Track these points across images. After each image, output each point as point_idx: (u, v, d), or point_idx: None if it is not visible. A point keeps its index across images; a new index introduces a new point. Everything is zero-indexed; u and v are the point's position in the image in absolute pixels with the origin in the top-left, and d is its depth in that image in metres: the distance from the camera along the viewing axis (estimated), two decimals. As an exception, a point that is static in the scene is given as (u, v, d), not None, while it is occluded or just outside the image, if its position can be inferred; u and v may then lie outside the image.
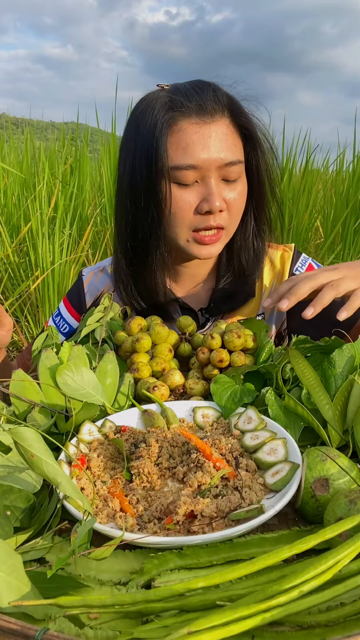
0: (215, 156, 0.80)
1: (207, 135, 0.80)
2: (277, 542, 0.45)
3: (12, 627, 0.31)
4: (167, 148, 0.80)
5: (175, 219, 0.83)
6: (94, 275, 1.04)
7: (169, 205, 0.82)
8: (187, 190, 0.82)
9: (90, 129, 3.17)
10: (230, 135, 0.82)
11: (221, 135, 0.81)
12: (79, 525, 0.41)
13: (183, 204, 0.82)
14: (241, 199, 0.86)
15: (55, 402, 0.64)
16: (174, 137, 0.80)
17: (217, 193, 0.80)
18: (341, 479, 0.48)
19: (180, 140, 0.80)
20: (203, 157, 0.79)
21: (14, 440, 0.42)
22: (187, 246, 0.86)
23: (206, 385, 0.73)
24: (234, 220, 0.86)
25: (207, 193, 0.81)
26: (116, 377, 0.70)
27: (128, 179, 0.86)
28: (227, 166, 0.81)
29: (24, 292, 2.44)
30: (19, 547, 0.44)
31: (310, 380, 0.63)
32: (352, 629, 0.34)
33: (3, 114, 7.85)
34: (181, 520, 0.46)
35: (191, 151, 0.79)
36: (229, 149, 0.81)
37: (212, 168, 0.80)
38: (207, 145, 0.79)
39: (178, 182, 0.81)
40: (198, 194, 0.82)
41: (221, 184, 0.83)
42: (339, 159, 3.27)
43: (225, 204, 0.83)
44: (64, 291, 2.40)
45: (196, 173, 0.81)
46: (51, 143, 3.40)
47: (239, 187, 0.84)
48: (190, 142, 0.79)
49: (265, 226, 0.95)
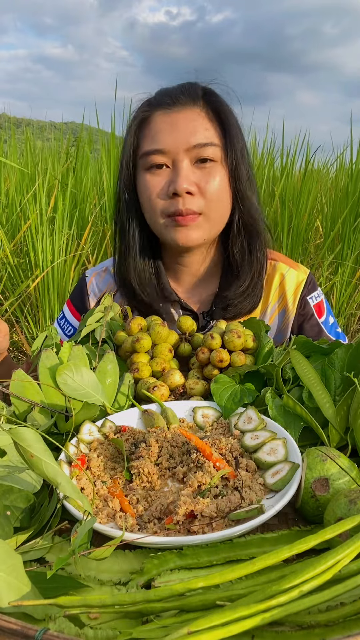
0: (183, 139, 0.81)
1: (175, 121, 0.82)
2: (277, 542, 0.45)
3: (12, 627, 0.31)
4: (138, 140, 0.86)
5: (148, 204, 0.86)
6: (97, 275, 1.04)
7: (142, 192, 0.86)
8: (158, 175, 0.84)
9: (91, 129, 3.17)
10: (201, 120, 0.83)
11: (189, 121, 0.82)
12: (79, 525, 0.41)
13: (153, 187, 0.84)
14: (219, 186, 0.84)
15: (55, 402, 0.64)
16: (146, 129, 0.85)
17: (184, 175, 0.81)
18: (341, 479, 0.48)
19: (151, 130, 0.84)
20: (169, 141, 0.82)
21: (13, 440, 0.42)
22: (166, 232, 0.86)
23: (206, 385, 0.73)
24: (213, 207, 0.85)
25: (175, 175, 0.82)
26: (116, 377, 0.70)
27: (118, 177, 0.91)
28: (196, 148, 0.82)
29: (24, 292, 2.44)
30: (19, 547, 0.44)
31: (311, 379, 0.63)
32: (352, 629, 0.34)
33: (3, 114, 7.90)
34: (181, 520, 0.46)
35: (158, 137, 0.83)
36: (198, 132, 0.82)
37: (179, 151, 0.82)
38: (174, 130, 0.82)
39: (149, 168, 0.84)
40: (168, 177, 0.84)
41: (194, 169, 0.83)
42: (339, 159, 3.27)
43: (198, 188, 0.83)
44: (64, 291, 2.40)
45: (165, 157, 0.83)
46: (51, 143, 3.40)
47: (215, 172, 0.84)
48: (158, 129, 0.83)
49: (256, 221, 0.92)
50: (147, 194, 0.85)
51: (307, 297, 0.98)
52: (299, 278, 0.98)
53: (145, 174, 0.85)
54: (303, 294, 0.98)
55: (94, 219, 2.72)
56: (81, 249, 2.53)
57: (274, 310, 0.98)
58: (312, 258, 3.02)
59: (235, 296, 0.92)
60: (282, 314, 0.98)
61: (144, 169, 0.86)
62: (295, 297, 0.97)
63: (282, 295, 0.98)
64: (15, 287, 2.50)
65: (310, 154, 3.02)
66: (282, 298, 0.98)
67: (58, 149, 3.32)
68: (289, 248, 2.79)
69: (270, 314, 0.98)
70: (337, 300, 2.65)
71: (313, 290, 0.99)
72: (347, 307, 2.68)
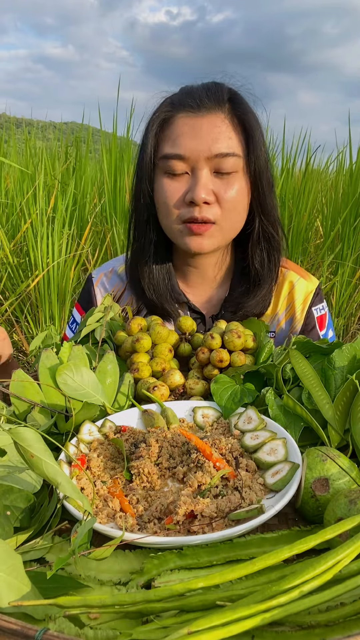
0: (205, 147, 0.79)
1: (198, 126, 0.80)
2: (277, 542, 0.45)
3: (12, 627, 0.31)
4: (159, 141, 0.84)
5: (165, 209, 0.84)
6: (104, 276, 1.03)
7: (159, 195, 0.85)
8: (176, 181, 0.83)
9: (91, 129, 3.17)
10: (225, 128, 0.81)
11: (213, 127, 0.80)
12: (79, 525, 0.41)
13: (171, 193, 0.83)
14: (237, 196, 0.83)
15: (55, 402, 0.64)
16: (167, 131, 0.83)
17: (202, 184, 0.80)
18: (341, 479, 0.48)
19: (172, 133, 0.82)
20: (191, 147, 0.80)
21: (14, 440, 0.42)
22: (180, 237, 0.86)
23: (206, 385, 0.73)
24: (228, 217, 0.84)
25: (193, 183, 0.81)
26: (116, 377, 0.70)
27: (133, 176, 0.90)
28: (217, 157, 0.80)
29: (24, 292, 2.44)
30: (19, 547, 0.44)
31: (311, 380, 0.63)
32: (352, 629, 0.34)
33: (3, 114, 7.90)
34: (181, 520, 0.46)
35: (180, 141, 0.81)
36: (220, 140, 0.80)
37: (200, 159, 0.80)
38: (196, 136, 0.80)
39: (168, 172, 0.83)
40: (186, 184, 0.82)
41: (213, 177, 0.82)
42: (339, 159, 3.27)
43: (216, 197, 0.82)
44: (64, 291, 2.40)
45: (185, 164, 0.81)
46: (51, 143, 3.40)
47: (234, 182, 0.82)
48: (180, 133, 0.81)
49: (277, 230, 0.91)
50: (163, 199, 0.84)
51: (312, 308, 0.98)
52: (308, 288, 0.98)
53: (163, 178, 0.84)
54: (310, 304, 0.98)
55: (93, 219, 2.72)
56: (81, 249, 2.53)
57: (282, 318, 0.98)
58: (312, 258, 3.02)
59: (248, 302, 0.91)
60: (289, 323, 0.98)
61: (162, 172, 0.84)
62: (303, 307, 0.97)
63: (291, 305, 0.98)
64: (15, 287, 2.50)
65: (310, 154, 3.02)
66: (290, 307, 0.98)
67: (58, 149, 3.32)
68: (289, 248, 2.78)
69: (277, 322, 0.98)
70: (337, 300, 2.65)
71: (319, 302, 0.99)
72: (347, 307, 2.68)
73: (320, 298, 1.00)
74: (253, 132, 0.84)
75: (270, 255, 0.91)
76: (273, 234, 0.90)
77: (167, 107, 0.84)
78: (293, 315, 0.98)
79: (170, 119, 0.83)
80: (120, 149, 2.76)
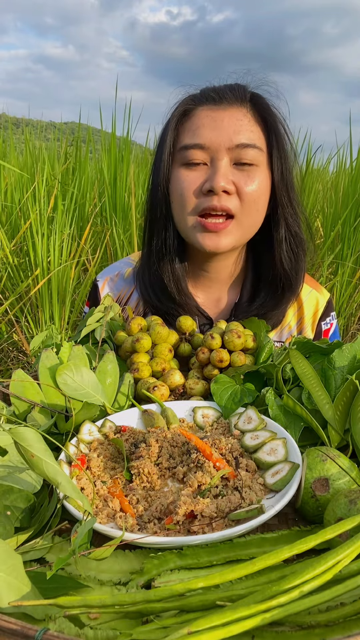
0: (225, 137, 0.78)
1: (219, 118, 0.79)
2: (277, 542, 0.45)
3: (12, 627, 0.31)
4: (178, 132, 0.82)
5: (181, 200, 0.82)
6: (110, 281, 1.01)
7: (175, 186, 0.82)
8: (195, 171, 0.81)
9: (91, 129, 3.17)
10: (247, 122, 0.80)
11: (235, 120, 0.79)
12: (79, 525, 0.41)
13: (188, 183, 0.80)
14: (258, 189, 0.80)
15: (55, 402, 0.64)
16: (187, 122, 0.82)
17: (222, 173, 0.78)
18: (341, 479, 0.48)
19: (192, 124, 0.81)
20: (211, 137, 0.78)
21: (14, 440, 0.42)
22: (193, 234, 0.83)
23: (206, 385, 0.73)
24: (247, 211, 0.81)
25: (212, 172, 0.79)
26: (116, 377, 0.70)
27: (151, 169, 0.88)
28: (238, 148, 0.78)
29: (24, 292, 2.44)
30: (19, 547, 0.44)
31: (311, 380, 0.63)
32: (352, 629, 0.34)
33: (3, 114, 7.88)
34: (181, 520, 0.46)
35: (200, 132, 0.79)
36: (241, 132, 0.78)
37: (221, 149, 0.78)
38: (217, 127, 0.78)
39: (186, 162, 0.81)
40: (205, 175, 0.80)
41: (233, 169, 0.80)
42: (339, 159, 3.27)
43: (236, 188, 0.79)
44: (64, 291, 2.40)
45: (204, 154, 0.79)
46: (51, 143, 3.40)
47: (255, 175, 0.80)
48: (200, 124, 0.80)
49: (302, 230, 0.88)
50: (180, 189, 0.81)
51: (321, 323, 0.97)
52: (319, 303, 0.96)
53: (181, 169, 0.81)
54: (319, 319, 0.96)
55: (93, 219, 2.72)
56: (81, 249, 2.53)
57: (292, 332, 0.96)
58: (312, 258, 3.01)
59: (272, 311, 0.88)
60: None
61: (180, 164, 0.82)
62: (313, 321, 0.96)
63: (301, 319, 0.96)
64: (15, 287, 2.50)
65: (311, 154, 3.02)
66: (301, 321, 0.96)
67: (57, 149, 3.32)
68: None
69: (287, 335, 0.96)
70: (337, 300, 2.65)
71: (327, 316, 0.98)
72: (347, 307, 2.68)
73: (329, 312, 0.98)
74: (276, 128, 0.82)
75: (297, 256, 0.88)
76: (298, 232, 0.88)
77: (189, 101, 0.84)
78: (302, 330, 0.96)
79: (191, 111, 0.82)
80: (119, 149, 2.76)
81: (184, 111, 0.83)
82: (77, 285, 2.54)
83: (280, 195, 0.84)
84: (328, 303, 0.98)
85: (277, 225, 0.87)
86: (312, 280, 0.99)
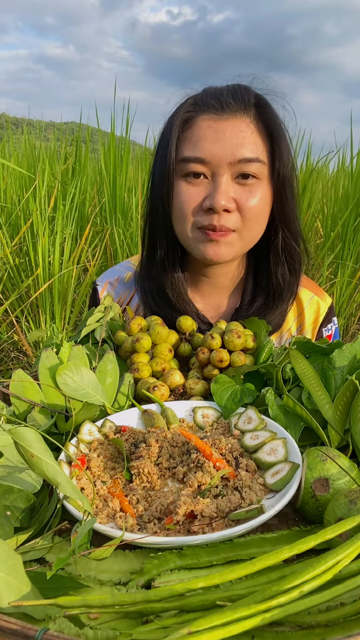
0: (228, 151, 0.75)
1: (222, 130, 0.76)
2: (277, 542, 0.45)
3: (12, 627, 0.31)
4: (179, 142, 0.79)
5: (181, 215, 0.80)
6: (109, 285, 1.00)
7: (176, 199, 0.80)
8: (195, 185, 0.79)
9: (91, 129, 3.17)
10: (250, 133, 0.77)
11: (238, 132, 0.76)
12: (79, 525, 0.41)
13: (188, 198, 0.78)
14: (259, 204, 0.79)
15: (55, 402, 0.64)
16: (188, 132, 0.79)
17: (223, 190, 0.76)
18: (341, 479, 0.48)
19: (193, 135, 0.78)
20: (212, 151, 0.76)
21: (14, 440, 0.42)
22: (194, 244, 0.82)
23: (206, 385, 0.73)
24: (249, 226, 0.80)
25: (213, 189, 0.77)
26: (116, 377, 0.70)
27: (149, 176, 0.86)
28: (240, 163, 0.76)
29: (24, 292, 2.44)
30: (19, 547, 0.44)
31: (311, 380, 0.63)
32: (352, 629, 0.34)
33: (3, 114, 7.85)
34: (181, 520, 0.46)
35: (201, 144, 0.77)
36: (244, 145, 0.76)
37: (222, 164, 0.76)
38: (218, 140, 0.76)
39: (186, 175, 0.79)
40: (205, 190, 0.78)
41: (234, 184, 0.78)
42: (339, 159, 3.27)
43: (237, 205, 0.78)
44: (65, 291, 2.40)
45: (205, 168, 0.77)
46: (51, 143, 3.40)
47: (257, 190, 0.78)
48: (202, 135, 0.77)
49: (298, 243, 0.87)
50: (180, 204, 0.79)
51: (322, 329, 0.96)
52: (320, 309, 0.95)
53: (181, 182, 0.79)
54: (320, 325, 0.96)
55: (93, 219, 2.72)
56: (81, 249, 2.53)
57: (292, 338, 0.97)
58: (312, 258, 3.01)
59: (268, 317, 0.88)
60: None
61: (180, 175, 0.80)
62: (314, 327, 0.96)
63: (302, 325, 0.96)
64: (15, 288, 2.50)
65: (311, 154, 3.02)
66: (301, 327, 0.96)
67: (57, 149, 3.32)
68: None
69: (288, 341, 0.95)
70: (337, 300, 2.65)
71: (329, 322, 0.97)
72: (347, 307, 2.68)
73: (330, 317, 0.97)
74: (279, 138, 0.79)
75: (292, 268, 0.88)
76: (294, 246, 0.86)
77: (189, 107, 0.80)
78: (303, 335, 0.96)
79: (191, 120, 0.79)
80: (119, 149, 2.76)
81: (184, 120, 0.80)
82: (77, 286, 2.54)
83: (277, 206, 0.83)
84: (330, 309, 0.97)
85: (274, 236, 0.86)
86: (314, 285, 0.98)
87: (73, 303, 2.44)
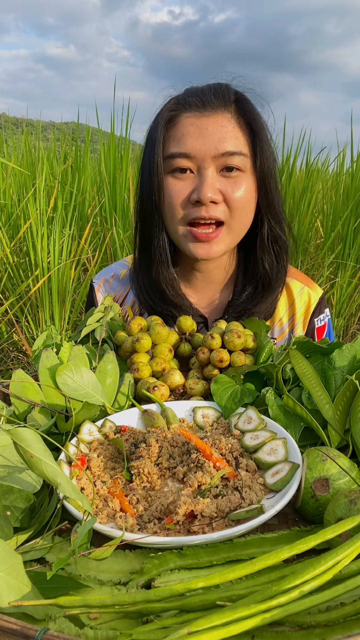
0: (211, 145, 0.79)
1: (204, 126, 0.80)
2: (277, 542, 0.45)
3: (12, 627, 0.31)
4: (165, 140, 0.83)
5: (170, 209, 0.83)
6: (105, 282, 1.03)
7: (164, 196, 0.83)
8: (182, 180, 0.82)
9: (91, 129, 3.17)
10: (232, 128, 0.81)
11: (220, 127, 0.80)
12: (79, 525, 0.41)
13: (176, 193, 0.82)
14: (245, 195, 0.82)
15: (55, 402, 0.64)
16: (172, 130, 0.82)
17: (209, 183, 0.79)
18: (341, 479, 0.48)
19: (177, 132, 0.82)
20: (196, 146, 0.79)
21: (13, 440, 0.42)
22: (185, 242, 0.85)
23: (206, 385, 0.73)
24: (237, 217, 0.83)
25: (199, 182, 0.80)
26: (116, 377, 0.70)
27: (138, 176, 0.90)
28: (224, 156, 0.79)
29: (24, 292, 2.44)
30: (19, 547, 0.44)
31: (311, 380, 0.63)
32: (352, 629, 0.34)
33: (3, 114, 7.91)
34: (181, 520, 0.46)
35: (185, 140, 0.80)
36: (227, 139, 0.79)
37: (206, 158, 0.79)
38: (202, 135, 0.79)
39: (173, 171, 0.82)
40: (192, 184, 0.81)
41: (219, 177, 0.81)
42: (339, 159, 3.27)
43: (223, 196, 0.81)
44: (64, 291, 2.40)
45: (191, 162, 0.80)
46: (51, 143, 3.40)
47: (242, 181, 0.82)
48: (185, 132, 0.81)
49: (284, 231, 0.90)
50: (169, 199, 0.83)
51: (314, 319, 0.98)
52: (311, 299, 0.97)
53: (168, 178, 0.83)
54: (312, 315, 0.97)
55: (93, 219, 2.72)
56: (81, 249, 2.53)
57: (284, 329, 0.97)
58: (312, 258, 3.02)
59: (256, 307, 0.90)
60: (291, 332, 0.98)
61: (167, 172, 0.83)
62: (305, 317, 0.97)
63: (293, 316, 0.97)
64: (15, 287, 2.50)
65: (311, 154, 3.02)
66: (293, 318, 0.97)
67: (57, 149, 3.32)
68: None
69: (280, 332, 0.97)
70: (338, 300, 2.65)
71: (320, 312, 0.98)
72: (347, 307, 2.68)
73: (322, 308, 0.99)
74: (260, 132, 0.83)
75: (279, 257, 0.91)
76: (280, 234, 0.89)
77: (172, 106, 0.84)
78: (294, 327, 0.97)
79: (175, 119, 0.83)
80: (119, 149, 2.76)
81: (168, 119, 0.83)
82: (77, 285, 2.54)
83: (262, 197, 0.86)
84: (321, 299, 0.99)
85: (260, 226, 0.89)
86: (304, 277, 1.00)
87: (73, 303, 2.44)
